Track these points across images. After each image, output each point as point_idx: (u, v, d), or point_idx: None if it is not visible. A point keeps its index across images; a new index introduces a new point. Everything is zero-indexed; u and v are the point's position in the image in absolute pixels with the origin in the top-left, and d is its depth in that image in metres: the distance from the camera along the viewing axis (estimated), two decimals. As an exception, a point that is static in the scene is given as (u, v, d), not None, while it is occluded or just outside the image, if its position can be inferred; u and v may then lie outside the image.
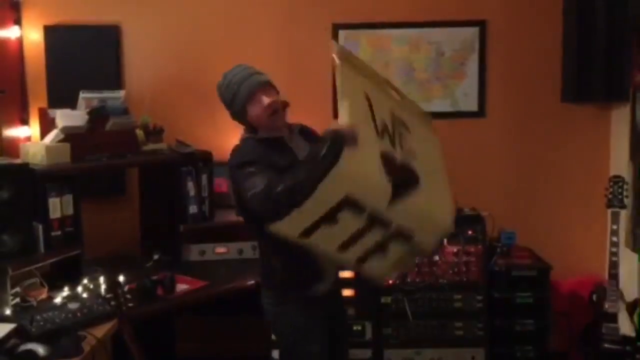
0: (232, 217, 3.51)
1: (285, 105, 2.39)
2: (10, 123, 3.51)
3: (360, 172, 2.04)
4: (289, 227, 2.09)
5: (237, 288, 3.01)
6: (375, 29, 3.75)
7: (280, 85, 2.39)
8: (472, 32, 3.75)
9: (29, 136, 3.56)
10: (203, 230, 3.41)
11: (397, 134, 2.25)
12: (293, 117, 2.46)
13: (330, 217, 2.07)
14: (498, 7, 3.75)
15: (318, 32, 3.74)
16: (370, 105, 2.21)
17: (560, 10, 3.68)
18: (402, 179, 2.13)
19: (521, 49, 3.77)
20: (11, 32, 3.55)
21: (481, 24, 3.74)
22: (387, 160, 2.11)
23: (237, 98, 2.36)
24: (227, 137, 3.78)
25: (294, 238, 2.11)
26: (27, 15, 3.63)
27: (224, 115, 3.76)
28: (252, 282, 2.93)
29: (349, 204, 2.05)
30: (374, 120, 2.17)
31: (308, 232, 2.09)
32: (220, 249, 3.38)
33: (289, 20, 3.76)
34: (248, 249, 3.37)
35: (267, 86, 2.38)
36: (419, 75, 3.78)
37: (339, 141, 1.99)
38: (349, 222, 2.09)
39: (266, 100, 2.33)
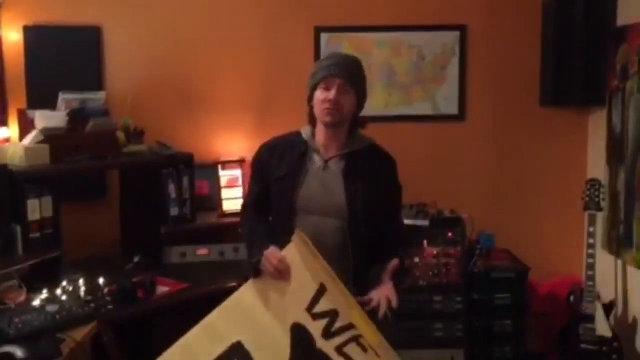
0: (213, 218, 3.53)
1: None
2: (-11, 124, 3.47)
3: (257, 312, 1.99)
4: None
5: (218, 290, 2.99)
6: (357, 32, 3.78)
7: (262, 87, 2.30)
8: (453, 36, 3.79)
9: (7, 137, 3.51)
10: (184, 232, 3.40)
11: (343, 335, 1.98)
12: (274, 117, 2.30)
13: None
14: (478, 12, 3.80)
15: (300, 35, 3.76)
16: (322, 288, 2.02)
17: (539, 15, 3.74)
18: None
19: (501, 53, 3.82)
20: (-10, 32, 3.51)
21: (462, 29, 3.78)
22: (299, 333, 1.96)
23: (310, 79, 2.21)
24: (208, 139, 3.79)
25: None
26: (5, 15, 3.58)
27: (205, 117, 3.81)
28: (234, 283, 2.91)
29: (240, 354, 1.94)
30: (317, 296, 2.00)
31: None
32: (201, 251, 3.37)
33: (271, 22, 3.76)
34: (229, 251, 3.37)
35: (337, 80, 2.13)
36: (400, 79, 3.81)
37: (255, 264, 2.08)
38: None
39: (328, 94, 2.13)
